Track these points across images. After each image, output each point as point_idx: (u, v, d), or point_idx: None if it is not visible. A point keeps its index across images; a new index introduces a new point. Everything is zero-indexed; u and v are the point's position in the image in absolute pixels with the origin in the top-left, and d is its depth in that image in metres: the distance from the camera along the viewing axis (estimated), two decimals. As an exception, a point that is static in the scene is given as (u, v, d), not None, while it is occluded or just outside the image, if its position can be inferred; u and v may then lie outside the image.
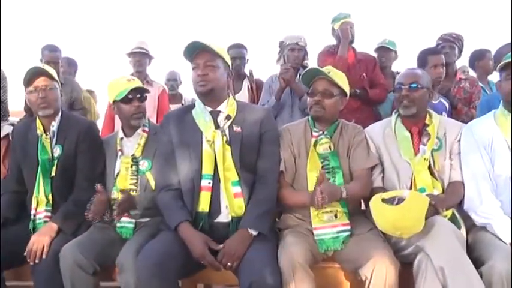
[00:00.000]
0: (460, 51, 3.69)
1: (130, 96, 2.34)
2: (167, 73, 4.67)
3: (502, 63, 2.15)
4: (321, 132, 2.24)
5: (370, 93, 3.50)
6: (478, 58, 3.92)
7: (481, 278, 1.82)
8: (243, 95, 3.74)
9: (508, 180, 2.08)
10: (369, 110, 3.56)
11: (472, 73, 4.07)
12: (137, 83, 2.42)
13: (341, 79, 2.28)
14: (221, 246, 1.97)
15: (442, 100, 3.31)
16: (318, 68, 2.34)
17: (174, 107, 4.06)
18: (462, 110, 3.40)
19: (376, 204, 1.97)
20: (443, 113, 3.21)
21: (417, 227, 1.90)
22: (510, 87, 2.10)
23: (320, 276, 2.08)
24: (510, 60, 2.09)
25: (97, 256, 2.12)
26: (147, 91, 2.50)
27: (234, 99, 2.26)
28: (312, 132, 2.26)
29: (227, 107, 2.19)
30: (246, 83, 3.81)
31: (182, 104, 4.51)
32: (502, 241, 1.95)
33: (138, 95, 2.38)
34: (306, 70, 2.35)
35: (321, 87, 2.24)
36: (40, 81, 2.35)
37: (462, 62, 4.14)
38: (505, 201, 2.07)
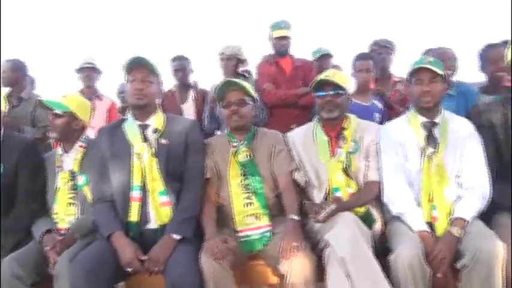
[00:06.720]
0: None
1: None
2: (118, 86, 4.75)
3: (411, 69, 2.34)
4: (240, 142, 2.41)
5: (307, 99, 3.60)
6: None
7: (390, 265, 2.00)
8: (189, 105, 3.89)
9: (418, 174, 2.28)
10: (307, 117, 3.67)
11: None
12: None
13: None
14: (146, 257, 2.10)
15: (375, 102, 3.46)
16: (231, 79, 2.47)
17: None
18: (398, 110, 3.59)
19: None
20: (377, 114, 3.38)
21: None
22: (419, 91, 2.29)
23: (247, 273, 2.25)
24: (419, 66, 2.28)
25: (36, 267, 2.21)
26: None
27: (162, 112, 2.41)
28: (232, 143, 2.43)
29: (155, 121, 2.34)
30: (192, 93, 3.95)
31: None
32: (411, 230, 2.14)
33: None
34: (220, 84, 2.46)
35: (233, 98, 2.39)
36: None
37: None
38: (416, 191, 2.27)
